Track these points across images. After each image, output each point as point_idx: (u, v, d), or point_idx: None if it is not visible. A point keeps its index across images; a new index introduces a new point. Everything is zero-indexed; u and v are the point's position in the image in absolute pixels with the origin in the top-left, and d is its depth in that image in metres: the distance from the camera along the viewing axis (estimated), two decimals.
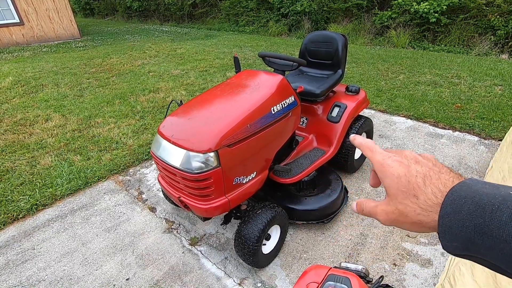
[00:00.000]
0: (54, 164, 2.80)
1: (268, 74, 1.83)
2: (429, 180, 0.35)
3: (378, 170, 0.41)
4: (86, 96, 4.58)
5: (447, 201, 0.33)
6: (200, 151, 1.41)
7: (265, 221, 1.59)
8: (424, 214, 0.35)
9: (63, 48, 8.61)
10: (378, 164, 0.41)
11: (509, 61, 6.08)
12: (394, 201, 0.38)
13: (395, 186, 0.38)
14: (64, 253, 1.90)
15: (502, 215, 0.28)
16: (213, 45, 8.36)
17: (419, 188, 0.35)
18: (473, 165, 2.60)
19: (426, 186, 0.35)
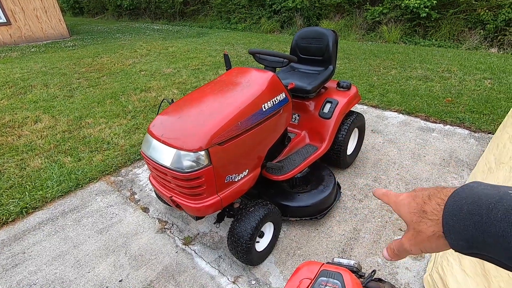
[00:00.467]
0: (44, 166, 2.75)
1: (259, 71, 1.81)
2: (433, 196, 0.40)
3: (394, 208, 0.47)
4: (76, 96, 4.51)
5: (449, 202, 0.36)
6: (190, 150, 1.40)
7: (258, 218, 1.59)
8: (433, 224, 0.38)
9: (52, 48, 8.46)
10: (394, 203, 0.47)
11: (498, 54, 6.15)
12: (411, 225, 0.42)
13: (408, 212, 0.43)
14: (56, 256, 1.88)
15: (497, 212, 0.30)
16: (205, 43, 8.30)
17: (425, 204, 0.40)
18: (463, 158, 2.64)
19: (431, 200, 0.39)
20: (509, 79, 4.44)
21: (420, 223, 0.40)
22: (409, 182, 2.37)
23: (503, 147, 1.59)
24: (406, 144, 2.90)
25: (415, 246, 0.42)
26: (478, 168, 1.95)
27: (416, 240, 0.42)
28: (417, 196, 0.43)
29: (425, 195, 0.41)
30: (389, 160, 2.67)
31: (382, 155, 2.74)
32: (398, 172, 2.50)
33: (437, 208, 0.38)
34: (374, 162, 2.65)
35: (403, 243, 0.45)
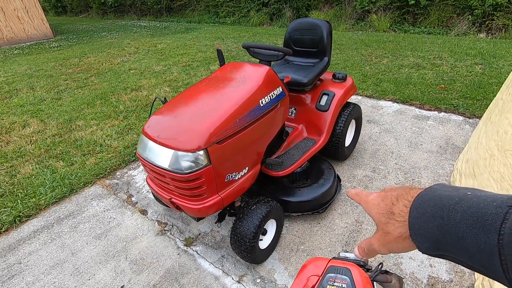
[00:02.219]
0: (36, 172, 2.67)
1: (254, 65, 1.77)
2: (401, 197, 0.40)
3: (365, 207, 0.47)
4: (64, 98, 4.38)
5: (414, 206, 0.37)
6: (189, 150, 1.35)
7: (261, 216, 1.56)
8: (401, 226, 0.38)
9: (36, 49, 8.21)
10: (364, 203, 0.47)
11: (487, 39, 6.20)
12: (379, 226, 0.42)
13: (377, 212, 0.43)
14: (53, 264, 1.82)
15: (456, 214, 0.31)
16: (194, 39, 8.15)
17: (393, 205, 0.40)
18: (459, 145, 2.65)
19: (398, 201, 0.40)
20: (499, 63, 4.48)
21: (388, 224, 0.40)
22: (408, 171, 2.37)
23: (504, 133, 1.59)
24: (402, 133, 2.90)
25: (383, 246, 0.43)
26: (478, 155, 1.94)
27: (384, 240, 0.42)
28: (386, 196, 0.43)
29: (393, 196, 0.41)
30: (386, 150, 2.66)
31: (379, 145, 2.74)
32: (396, 161, 2.50)
33: (404, 210, 0.38)
34: (372, 152, 2.64)
35: (372, 243, 0.45)
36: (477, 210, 0.31)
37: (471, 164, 2.07)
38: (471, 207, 0.31)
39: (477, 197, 0.32)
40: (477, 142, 2.11)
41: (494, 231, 0.29)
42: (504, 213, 0.29)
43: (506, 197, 0.31)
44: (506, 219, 0.28)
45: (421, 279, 1.57)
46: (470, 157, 2.15)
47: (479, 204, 0.31)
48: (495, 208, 0.30)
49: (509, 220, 0.28)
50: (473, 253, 0.30)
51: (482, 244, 0.29)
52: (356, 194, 0.51)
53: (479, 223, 0.30)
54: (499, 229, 0.28)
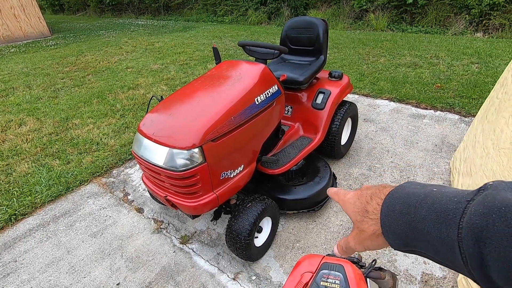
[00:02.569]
0: (32, 170, 2.66)
1: (250, 63, 1.77)
2: (374, 195, 0.41)
3: (342, 206, 0.47)
4: (61, 97, 4.37)
5: (385, 204, 0.38)
6: (184, 148, 1.35)
7: (256, 214, 1.57)
8: (374, 223, 0.39)
9: (33, 47, 8.17)
10: (341, 201, 0.48)
11: (483, 39, 6.22)
12: (355, 224, 0.43)
13: (353, 211, 0.44)
14: (49, 262, 1.82)
15: (422, 210, 0.32)
16: (192, 37, 8.14)
17: (367, 203, 0.41)
18: (455, 143, 2.66)
19: (372, 200, 0.41)
20: (496, 62, 4.50)
21: (363, 222, 0.41)
22: (403, 169, 2.39)
23: (500, 132, 1.60)
24: (398, 131, 2.91)
25: (359, 244, 0.44)
26: (476, 154, 1.95)
27: (359, 238, 0.43)
28: (361, 195, 0.44)
29: (368, 195, 0.42)
30: (382, 148, 2.68)
31: (375, 144, 2.75)
32: (392, 159, 2.51)
33: (377, 208, 0.39)
34: (368, 151, 2.65)
35: (348, 241, 0.46)
36: (440, 206, 0.32)
37: (469, 163, 2.09)
38: (435, 203, 0.32)
39: (441, 193, 0.33)
40: (474, 141, 2.12)
41: (455, 225, 0.30)
42: (463, 208, 0.30)
43: (467, 193, 0.32)
44: (464, 213, 0.29)
45: (415, 276, 1.58)
46: (468, 156, 2.16)
47: (442, 200, 0.32)
48: (456, 204, 0.31)
49: (467, 215, 0.29)
50: (438, 248, 0.31)
51: (445, 238, 0.30)
52: (335, 193, 0.52)
53: (441, 218, 0.31)
54: (458, 224, 0.29)
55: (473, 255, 0.28)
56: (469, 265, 0.29)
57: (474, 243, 0.28)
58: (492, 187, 0.30)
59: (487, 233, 0.27)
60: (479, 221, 0.28)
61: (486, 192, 0.30)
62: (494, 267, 0.26)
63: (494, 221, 0.27)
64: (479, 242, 0.27)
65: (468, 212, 0.29)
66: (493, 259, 0.26)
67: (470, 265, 0.28)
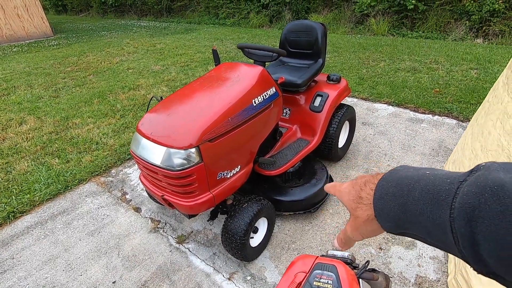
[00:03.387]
0: (31, 169, 2.68)
1: (248, 66, 1.79)
2: (368, 182, 0.42)
3: (338, 196, 0.48)
4: (62, 96, 4.40)
5: (378, 187, 0.39)
6: (181, 148, 1.37)
7: (252, 214, 1.58)
8: (367, 208, 0.40)
9: (35, 47, 8.22)
10: (337, 192, 0.49)
11: (483, 45, 6.26)
12: (351, 212, 0.44)
13: (347, 199, 0.45)
14: (46, 260, 1.83)
15: (415, 192, 0.33)
16: (193, 39, 8.19)
17: (361, 190, 0.42)
18: (452, 147, 2.68)
19: (366, 186, 0.41)
20: (494, 68, 4.52)
21: (357, 208, 0.42)
22: None
23: (488, 134, 1.62)
24: (396, 135, 2.93)
25: (355, 231, 0.44)
26: (464, 155, 1.97)
27: (355, 225, 0.43)
28: (356, 183, 0.44)
29: (362, 182, 0.43)
30: (380, 151, 2.69)
31: (373, 147, 2.76)
32: (389, 163, 2.53)
33: (371, 193, 0.40)
34: (365, 154, 2.67)
35: (346, 231, 0.46)
36: (433, 187, 0.32)
37: (457, 164, 2.10)
38: (428, 184, 0.33)
39: (434, 176, 0.34)
40: (463, 143, 2.15)
41: (447, 206, 0.30)
42: (456, 188, 0.31)
43: (459, 174, 0.32)
44: (456, 194, 0.30)
45: (409, 279, 1.59)
46: (456, 158, 2.18)
47: (435, 182, 0.33)
48: (448, 185, 0.32)
49: (459, 195, 0.30)
50: (431, 229, 0.32)
51: (437, 219, 0.31)
52: (332, 186, 0.53)
53: (434, 200, 0.32)
54: (450, 204, 0.30)
55: (465, 235, 0.28)
56: (460, 244, 0.29)
57: (466, 223, 0.28)
58: (485, 167, 0.30)
59: (479, 212, 0.27)
60: (471, 200, 0.28)
61: (479, 173, 0.30)
62: (485, 246, 0.27)
63: (486, 200, 0.27)
64: (470, 222, 0.28)
65: (461, 192, 0.30)
66: (484, 238, 0.27)
67: (462, 244, 0.29)
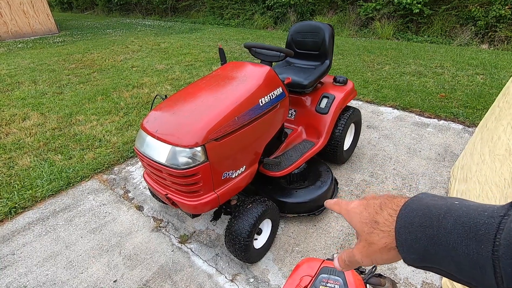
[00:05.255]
0: (33, 164, 2.67)
1: (255, 65, 1.78)
2: (384, 205, 0.39)
3: (346, 216, 0.45)
4: (66, 93, 4.39)
5: (400, 215, 0.36)
6: (186, 146, 1.35)
7: (256, 215, 1.56)
8: (386, 236, 0.37)
9: (40, 43, 8.24)
10: (345, 212, 0.45)
11: (489, 50, 6.22)
12: (363, 236, 0.40)
13: (359, 221, 0.41)
14: (47, 257, 1.82)
15: (447, 223, 0.31)
16: (198, 39, 8.19)
17: (376, 214, 0.39)
18: (458, 153, 2.65)
19: (383, 210, 0.38)
20: (501, 74, 4.49)
21: (372, 234, 0.39)
22: (406, 177, 2.37)
23: (497, 139, 1.59)
24: (401, 139, 2.90)
25: (367, 257, 0.41)
26: (472, 160, 1.95)
27: (367, 251, 0.40)
28: (368, 205, 0.42)
29: (376, 205, 0.40)
30: (385, 155, 2.67)
31: (378, 150, 2.74)
32: (394, 167, 2.50)
33: (389, 219, 0.37)
34: (370, 157, 2.64)
35: (354, 254, 0.43)
36: (468, 220, 0.30)
37: (465, 170, 2.08)
38: (462, 216, 0.31)
39: (466, 207, 0.32)
40: (472, 149, 2.12)
41: (488, 241, 0.28)
42: (498, 223, 0.28)
43: (496, 207, 0.30)
44: (500, 229, 0.28)
45: (415, 285, 1.57)
46: (465, 163, 2.15)
47: (470, 214, 0.30)
48: (487, 218, 0.29)
49: (504, 231, 0.27)
50: (464, 264, 0.29)
51: (474, 255, 0.28)
52: (336, 204, 0.49)
53: (471, 233, 0.29)
54: (493, 240, 0.27)
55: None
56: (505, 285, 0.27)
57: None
58: None
59: None
60: None
61: None
62: None
63: None
64: None
65: (506, 228, 0.27)
66: None
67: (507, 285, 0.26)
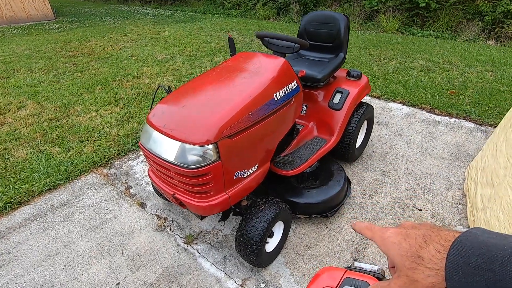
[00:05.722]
0: (30, 156, 2.55)
1: (268, 56, 1.66)
2: (429, 238, 0.35)
3: (380, 245, 0.40)
4: (63, 82, 4.23)
5: (453, 252, 0.32)
6: (197, 143, 1.24)
7: (269, 218, 1.46)
8: (432, 274, 0.33)
9: (35, 30, 7.99)
10: (380, 239, 0.41)
11: (497, 47, 6.11)
12: (403, 271, 0.36)
13: (399, 254, 0.37)
14: (45, 256, 1.72)
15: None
16: (199, 28, 7.98)
17: (421, 248, 0.35)
18: (472, 153, 2.56)
19: (428, 244, 0.35)
20: (510, 71, 4.39)
21: (416, 270, 0.35)
22: (419, 177, 2.28)
23: None
24: (413, 137, 2.81)
25: None
26: (498, 164, 1.86)
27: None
28: (408, 236, 0.37)
29: (419, 237, 0.36)
30: (396, 153, 2.57)
31: (389, 148, 2.64)
32: (406, 166, 2.41)
33: (437, 256, 0.33)
34: (381, 155, 2.55)
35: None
36: None
37: (489, 173, 1.99)
38: None
39: None
40: (495, 149, 2.03)
41: None
42: None
43: None
44: None
45: None
46: (487, 165, 2.06)
47: None
48: None
49: None
50: None
51: None
52: (368, 228, 0.44)
53: None
54: None
55: None
56: None
57: None
58: None
59: None
60: None
61: None
62: None
63: None
64: None
65: None
66: None
67: None
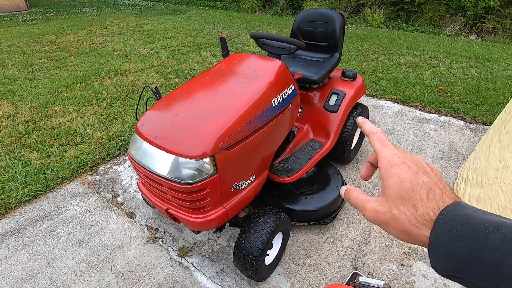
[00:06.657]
0: (5, 164, 2.36)
1: (264, 58, 1.57)
2: (432, 194, 0.34)
3: (383, 166, 0.38)
4: (39, 79, 3.97)
5: (441, 219, 0.32)
6: (192, 157, 1.15)
7: (269, 231, 1.40)
8: (417, 226, 0.34)
9: (7, 21, 7.48)
10: (386, 161, 0.38)
11: (479, 42, 6.24)
12: (389, 204, 0.36)
13: (396, 189, 0.35)
14: (25, 276, 1.59)
15: (495, 239, 0.28)
16: (183, 21, 7.71)
17: (421, 200, 0.34)
18: (463, 152, 2.59)
19: (428, 201, 0.34)
20: (494, 67, 4.48)
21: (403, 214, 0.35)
22: None
23: None
24: (405, 136, 2.81)
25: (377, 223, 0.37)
26: (489, 165, 1.87)
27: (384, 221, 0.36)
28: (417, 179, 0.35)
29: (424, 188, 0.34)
30: None
31: None
32: None
33: (430, 215, 0.33)
34: None
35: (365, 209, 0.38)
36: None
37: (479, 173, 2.00)
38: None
39: None
40: (487, 151, 2.04)
41: None
42: None
43: None
44: None
45: None
46: (478, 166, 2.07)
47: None
48: None
49: None
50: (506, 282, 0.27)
51: None
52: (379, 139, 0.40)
53: None
54: None
55: None
56: None
57: None
58: None
59: None
60: None
61: None
62: None
63: None
64: None
65: None
66: None
67: None
